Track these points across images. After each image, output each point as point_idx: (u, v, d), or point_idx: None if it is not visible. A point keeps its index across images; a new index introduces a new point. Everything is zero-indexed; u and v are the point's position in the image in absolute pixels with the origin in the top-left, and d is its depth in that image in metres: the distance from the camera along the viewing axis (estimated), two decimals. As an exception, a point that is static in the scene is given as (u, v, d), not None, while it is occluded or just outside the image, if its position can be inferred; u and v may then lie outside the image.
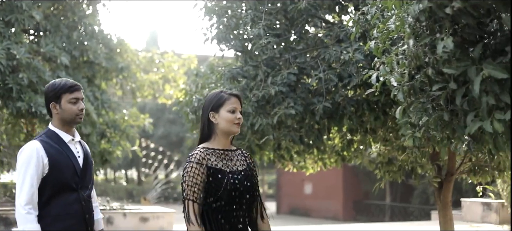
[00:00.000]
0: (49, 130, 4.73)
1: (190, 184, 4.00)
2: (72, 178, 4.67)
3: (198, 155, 4.04)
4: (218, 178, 4.04)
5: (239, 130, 4.23)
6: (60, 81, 4.71)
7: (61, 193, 4.61)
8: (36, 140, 4.65)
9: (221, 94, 4.19)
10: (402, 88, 4.27)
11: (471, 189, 22.76)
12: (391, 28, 4.57)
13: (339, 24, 8.51)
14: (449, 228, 9.35)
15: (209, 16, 8.85)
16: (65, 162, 4.65)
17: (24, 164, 4.54)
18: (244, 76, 8.26)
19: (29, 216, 4.45)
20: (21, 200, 4.46)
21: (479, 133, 3.89)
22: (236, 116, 4.16)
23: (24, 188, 4.48)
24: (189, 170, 4.02)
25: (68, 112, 4.65)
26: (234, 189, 4.07)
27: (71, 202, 4.65)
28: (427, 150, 8.18)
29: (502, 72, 3.48)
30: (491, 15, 3.90)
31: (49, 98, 4.68)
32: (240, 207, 4.13)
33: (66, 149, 4.70)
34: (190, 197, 3.99)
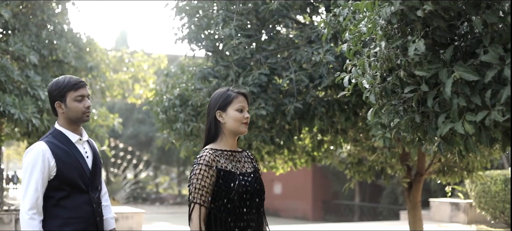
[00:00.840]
0: (56, 130, 4.54)
1: (198, 187, 3.86)
2: (82, 179, 4.48)
3: (207, 157, 3.90)
4: (229, 181, 3.92)
5: (247, 130, 4.12)
6: (64, 78, 4.52)
7: (70, 195, 4.44)
8: (42, 141, 4.45)
9: (228, 93, 4.06)
10: (374, 90, 4.29)
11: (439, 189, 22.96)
12: (363, 30, 4.59)
13: (310, 25, 8.55)
14: (418, 227, 9.42)
15: (180, 15, 8.83)
16: (73, 163, 4.46)
17: (29, 166, 4.36)
18: (215, 76, 8.25)
19: (32, 222, 4.28)
20: (25, 204, 4.30)
21: (450, 135, 3.92)
22: (244, 115, 4.04)
23: (29, 192, 4.31)
24: (197, 172, 3.88)
25: (74, 110, 4.46)
26: (245, 191, 3.95)
27: (82, 205, 4.48)
28: (397, 151, 8.24)
29: (473, 74, 3.51)
30: (462, 17, 3.94)
31: (53, 97, 4.49)
32: (250, 210, 4.00)
33: (74, 150, 4.51)
34: (197, 201, 3.85)
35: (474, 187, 17.62)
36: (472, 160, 9.09)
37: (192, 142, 8.94)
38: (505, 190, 16.82)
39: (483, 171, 9.70)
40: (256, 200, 4.05)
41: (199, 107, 8.38)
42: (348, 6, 6.03)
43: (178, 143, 9.53)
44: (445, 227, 17.81)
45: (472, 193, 17.90)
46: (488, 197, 17.26)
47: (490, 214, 17.53)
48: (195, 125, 8.51)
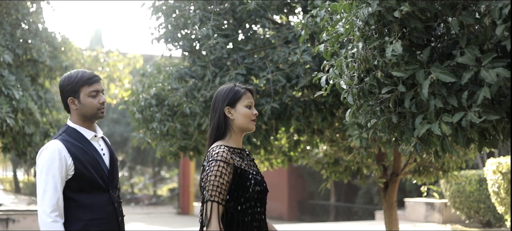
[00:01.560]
0: (69, 127, 4.35)
1: (217, 184, 3.72)
2: (101, 178, 4.29)
3: (224, 154, 3.79)
4: (245, 180, 3.84)
5: (255, 126, 4.05)
6: (77, 73, 4.32)
7: (91, 195, 4.24)
8: (56, 139, 4.24)
9: (236, 89, 3.98)
10: (352, 90, 4.30)
11: (414, 189, 23.09)
12: (340, 31, 4.61)
13: (287, 26, 8.56)
14: (394, 227, 9.47)
15: (156, 15, 8.80)
16: (91, 161, 4.26)
17: (45, 166, 4.13)
18: (192, 76, 8.24)
19: (55, 224, 4.05)
20: (45, 206, 4.06)
21: (426, 135, 3.94)
22: (252, 112, 3.98)
23: (48, 193, 4.08)
24: (216, 169, 3.75)
25: (89, 106, 4.29)
26: (259, 191, 3.90)
27: (104, 205, 4.29)
28: (373, 151, 8.27)
29: (449, 76, 3.54)
30: (438, 19, 3.97)
31: (66, 92, 4.30)
32: (261, 210, 3.97)
33: (90, 147, 4.32)
34: (215, 199, 3.72)
35: (449, 187, 17.74)
36: (448, 160, 9.15)
37: (168, 142, 8.92)
38: (480, 190, 16.94)
39: (458, 171, 9.77)
40: (265, 198, 4.02)
41: (176, 107, 8.37)
42: (325, 7, 6.05)
43: (154, 143, 9.51)
44: (420, 227, 17.91)
45: (447, 193, 18.02)
46: (462, 197, 17.38)
47: (465, 213, 17.66)
48: (171, 125, 8.49)
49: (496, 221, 17.05)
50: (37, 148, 11.54)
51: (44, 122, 12.29)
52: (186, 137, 8.70)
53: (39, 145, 11.69)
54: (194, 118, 8.15)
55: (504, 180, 12.05)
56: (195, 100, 7.87)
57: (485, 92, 3.38)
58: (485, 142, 4.02)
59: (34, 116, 11.18)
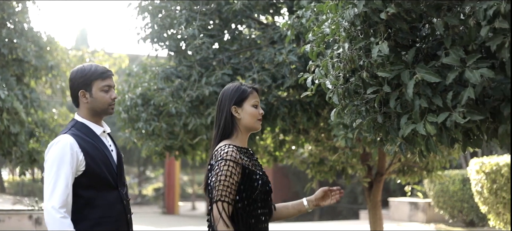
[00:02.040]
0: (77, 122, 4.19)
1: (227, 184, 3.68)
2: (110, 174, 4.15)
3: (234, 153, 3.74)
4: (252, 180, 3.81)
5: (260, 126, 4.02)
6: (90, 66, 4.19)
7: (100, 192, 4.09)
8: (66, 134, 4.08)
9: (243, 88, 3.93)
10: (337, 90, 4.32)
11: (398, 188, 23.16)
12: (326, 31, 4.63)
13: (273, 26, 8.58)
14: (378, 227, 9.51)
15: (142, 15, 8.81)
16: (101, 157, 4.13)
17: (55, 161, 3.97)
18: (178, 76, 8.25)
19: (65, 221, 3.89)
20: (55, 202, 3.89)
21: (411, 135, 3.97)
22: (259, 111, 3.95)
23: (58, 189, 3.91)
24: (225, 168, 3.70)
25: (100, 101, 4.15)
26: (265, 191, 3.88)
27: (113, 203, 4.15)
28: (358, 151, 8.31)
29: (434, 76, 3.57)
30: (423, 20, 4.00)
31: (77, 85, 4.15)
32: (266, 209, 3.94)
33: (100, 143, 4.19)
34: (225, 199, 3.68)
35: (432, 187, 17.82)
36: (432, 160, 9.21)
37: (153, 141, 8.92)
38: (463, 189, 17.03)
39: (442, 171, 9.83)
40: (270, 198, 4.00)
41: (161, 107, 8.37)
42: (311, 7, 6.08)
43: (140, 143, 9.50)
44: (404, 226, 17.98)
45: (430, 192, 18.10)
46: (446, 197, 17.46)
47: (448, 213, 17.74)
48: (157, 124, 8.50)
49: (479, 220, 17.15)
50: (23, 148, 11.51)
51: (30, 121, 12.26)
52: (172, 137, 8.71)
53: (25, 144, 11.66)
54: (180, 118, 8.16)
55: (487, 180, 12.12)
56: (181, 100, 7.88)
57: (469, 93, 3.42)
58: (469, 142, 4.05)
59: (20, 116, 11.13)
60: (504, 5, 3.27)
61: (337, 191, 4.18)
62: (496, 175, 12.01)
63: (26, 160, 12.18)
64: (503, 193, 11.89)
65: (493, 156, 13.30)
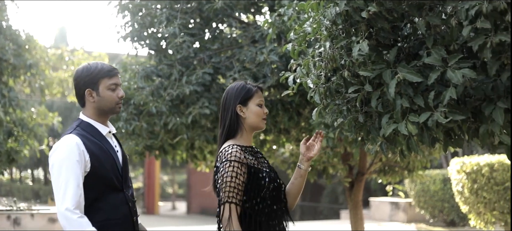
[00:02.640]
0: (82, 121, 4.09)
1: (233, 185, 3.68)
2: (115, 176, 4.04)
3: (238, 153, 3.75)
4: (259, 178, 3.80)
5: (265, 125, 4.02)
6: (96, 64, 4.09)
7: (105, 194, 3.99)
8: (72, 133, 3.96)
9: (248, 86, 3.93)
10: (319, 90, 4.31)
11: (379, 188, 23.24)
12: (308, 30, 4.62)
13: (254, 25, 8.56)
14: (359, 227, 9.53)
15: (123, 13, 8.75)
16: (106, 158, 4.02)
17: (64, 161, 3.85)
18: (158, 75, 8.21)
19: (82, 220, 3.78)
20: (68, 203, 3.76)
21: (392, 135, 3.96)
22: (264, 110, 3.96)
23: (70, 189, 3.79)
24: (230, 169, 3.71)
25: (108, 100, 4.05)
26: (274, 188, 3.87)
27: (118, 204, 4.04)
28: (339, 151, 8.32)
29: (416, 76, 3.56)
30: (405, 19, 3.99)
31: (84, 83, 4.04)
32: (280, 206, 3.93)
33: (106, 143, 4.08)
34: (233, 200, 3.68)
35: (413, 187, 17.89)
36: (413, 160, 9.24)
37: (134, 141, 8.87)
38: (444, 189, 17.11)
39: (423, 170, 9.86)
40: (282, 195, 3.97)
41: (142, 106, 8.33)
42: (293, 6, 6.06)
43: (120, 142, 9.45)
44: (385, 226, 18.03)
45: (411, 192, 18.17)
46: (427, 197, 17.53)
47: (429, 213, 17.82)
48: (137, 124, 8.45)
49: (460, 220, 17.23)
50: (1, 147, 11.43)
51: (8, 121, 12.16)
52: (152, 137, 8.66)
53: (3, 144, 11.57)
54: (160, 117, 8.12)
55: (468, 180, 12.17)
56: (161, 99, 7.85)
57: (451, 93, 3.41)
58: (450, 142, 4.05)
59: (-2, 115, 11.05)
60: (486, 5, 3.27)
61: (317, 136, 4.17)
62: (476, 175, 12.07)
63: (4, 160, 12.08)
64: (484, 193, 11.95)
65: (473, 156, 13.37)
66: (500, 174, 11.84)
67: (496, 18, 3.32)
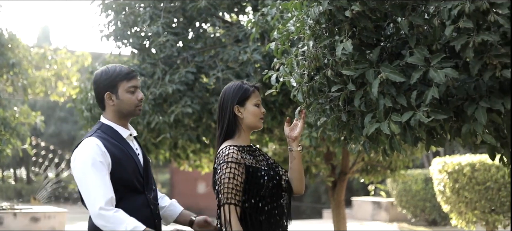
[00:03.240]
0: (103, 124, 4.08)
1: (231, 186, 3.68)
2: (137, 178, 4.01)
3: (234, 154, 3.75)
4: (257, 177, 3.80)
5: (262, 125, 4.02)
6: (114, 67, 4.08)
7: (126, 197, 3.94)
8: (93, 136, 3.95)
9: (245, 87, 3.94)
10: (302, 88, 4.32)
11: (361, 188, 23.30)
12: (291, 29, 4.63)
13: (237, 24, 8.57)
14: (342, 226, 9.55)
15: (106, 12, 8.74)
16: (127, 161, 3.99)
17: (88, 163, 3.82)
18: (141, 74, 8.20)
19: (119, 214, 3.75)
20: (100, 202, 3.73)
21: (375, 134, 3.98)
22: (261, 110, 3.97)
23: (98, 189, 3.76)
24: (228, 171, 3.72)
25: (127, 103, 4.04)
26: (273, 186, 3.86)
27: (140, 207, 3.99)
28: (322, 150, 8.33)
29: (398, 75, 3.57)
30: (388, 19, 4.00)
31: (103, 87, 4.04)
32: (280, 204, 3.92)
33: (127, 146, 4.05)
34: (232, 201, 3.68)
35: (395, 186, 17.97)
36: (395, 159, 9.28)
37: (116, 140, 8.84)
38: (426, 189, 17.21)
39: (405, 170, 9.90)
40: (283, 193, 3.96)
41: (124, 105, 8.30)
42: (276, 6, 6.07)
43: (102, 141, 9.42)
44: (367, 226, 18.09)
45: (393, 192, 18.25)
46: (409, 196, 17.63)
47: (411, 212, 17.91)
48: (120, 123, 8.42)
49: (441, 219, 17.33)
50: (-17, 146, 11.37)
51: (-11, 119, 12.10)
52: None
53: (-15, 142, 11.51)
54: (143, 116, 8.11)
55: (449, 179, 12.23)
56: (144, 98, 7.84)
57: (433, 92, 3.43)
58: (432, 141, 4.07)
59: (-20, 114, 11.00)
60: (468, 5, 3.29)
61: (299, 116, 4.20)
62: (458, 174, 12.13)
63: (-14, 159, 12.03)
64: (465, 193, 12.01)
65: (455, 156, 13.44)
66: (482, 174, 11.91)
67: (478, 18, 3.34)
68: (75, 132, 32.69)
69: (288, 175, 4.08)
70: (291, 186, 4.06)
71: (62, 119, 35.00)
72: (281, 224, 3.95)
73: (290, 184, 4.05)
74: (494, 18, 3.25)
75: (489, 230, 12.28)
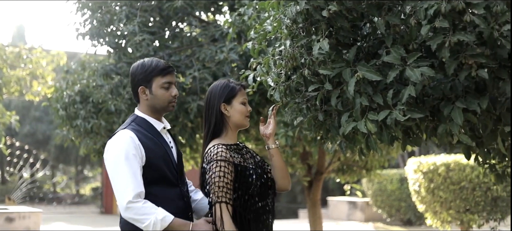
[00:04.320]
0: (138, 117, 4.09)
1: (222, 185, 3.69)
2: (171, 171, 4.01)
3: (223, 153, 3.76)
4: (246, 176, 3.81)
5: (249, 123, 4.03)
6: (151, 61, 4.08)
7: (161, 189, 3.95)
8: (127, 129, 3.96)
9: (232, 85, 3.95)
10: (279, 88, 4.33)
11: (337, 188, 23.37)
12: (268, 29, 4.63)
13: (214, 24, 8.56)
14: (318, 226, 9.58)
15: (82, 11, 8.69)
16: (161, 153, 4.00)
17: (121, 156, 3.82)
18: (117, 73, 8.17)
19: (147, 205, 3.76)
20: (129, 195, 3.74)
21: (352, 133, 3.99)
22: (247, 108, 3.99)
23: (129, 182, 3.76)
24: (217, 169, 3.72)
25: (161, 98, 4.04)
26: (261, 184, 3.87)
27: (175, 199, 4.00)
28: (298, 150, 8.35)
29: (375, 74, 3.59)
30: (365, 19, 4.02)
31: (138, 81, 4.04)
32: (267, 203, 3.94)
33: (160, 139, 4.06)
34: (223, 199, 3.69)
35: (371, 186, 18.05)
36: (371, 159, 9.32)
37: (92, 139, 8.81)
38: (401, 188, 17.30)
39: (380, 170, 9.95)
40: (269, 191, 3.98)
41: (100, 104, 8.27)
42: (253, 5, 6.07)
43: (78, 140, 9.37)
44: (342, 226, 18.15)
45: (369, 191, 18.33)
46: (384, 196, 17.71)
47: (386, 212, 18.00)
48: (95, 122, 8.40)
49: (416, 219, 17.43)
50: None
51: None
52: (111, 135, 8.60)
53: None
54: (119, 116, 8.07)
55: (424, 179, 12.31)
56: (120, 97, 7.81)
57: (410, 91, 3.45)
58: (408, 140, 4.10)
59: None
60: (444, 5, 3.31)
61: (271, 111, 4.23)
62: (433, 174, 12.21)
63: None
64: (440, 192, 12.09)
65: (430, 156, 13.53)
66: (456, 174, 12.00)
67: (454, 18, 3.37)
68: (50, 132, 32.49)
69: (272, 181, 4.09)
70: (274, 184, 4.08)
71: (37, 119, 34.77)
72: (268, 223, 3.97)
73: (274, 182, 4.07)
74: (470, 18, 3.27)
75: (463, 229, 12.37)
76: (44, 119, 34.05)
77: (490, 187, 11.80)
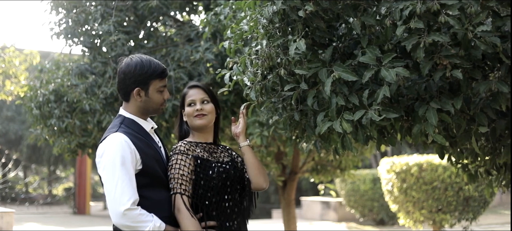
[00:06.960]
0: (126, 118, 3.94)
1: (177, 177, 3.81)
2: (164, 173, 3.92)
3: (182, 147, 3.93)
4: (206, 169, 3.90)
5: (203, 122, 4.06)
6: (149, 63, 3.91)
7: (156, 192, 3.85)
8: (119, 132, 3.80)
9: (184, 91, 4.13)
10: (255, 87, 4.35)
11: (310, 188, 23.44)
12: (245, 28, 4.65)
13: (189, 23, 8.56)
14: (292, 226, 9.61)
15: (56, 10, 8.64)
16: (154, 155, 3.90)
17: (116, 161, 3.69)
18: (92, 72, 8.14)
19: (144, 213, 3.69)
20: (126, 203, 3.61)
21: (327, 133, 4.02)
22: (194, 109, 4.06)
23: (125, 188, 3.64)
24: (174, 162, 3.86)
25: (155, 102, 3.95)
26: (224, 179, 3.93)
27: (165, 201, 3.87)
28: (273, 150, 8.37)
29: (351, 75, 3.62)
30: (341, 19, 4.05)
31: (134, 81, 3.88)
32: (232, 198, 4.00)
33: (151, 140, 3.96)
34: (178, 190, 3.78)
35: (344, 186, 18.13)
36: (345, 159, 9.37)
37: (66, 139, 8.77)
38: (374, 188, 17.40)
39: (354, 169, 10.01)
40: (237, 187, 4.05)
41: (75, 104, 8.24)
42: (229, 4, 6.08)
43: (52, 140, 9.32)
44: (316, 225, 18.21)
45: (342, 191, 18.40)
46: (357, 196, 17.80)
47: (359, 212, 18.09)
48: (70, 121, 8.36)
49: (389, 219, 17.54)
50: None
51: None
52: (85, 134, 8.58)
53: None
54: (94, 115, 8.05)
55: (397, 179, 12.40)
56: (95, 97, 7.79)
57: (385, 91, 3.49)
58: (383, 140, 4.15)
59: None
60: (419, 6, 3.36)
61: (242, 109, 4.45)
62: (406, 174, 12.31)
63: None
64: (413, 192, 12.19)
65: (403, 156, 13.63)
66: (429, 174, 12.11)
67: (429, 19, 3.42)
68: (22, 132, 32.26)
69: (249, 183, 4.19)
70: (249, 183, 4.16)
71: (10, 119, 34.49)
72: (233, 218, 4.01)
73: (249, 182, 4.15)
74: (445, 19, 3.32)
75: (436, 229, 12.48)
76: (16, 119, 33.79)
77: (462, 187, 11.93)
